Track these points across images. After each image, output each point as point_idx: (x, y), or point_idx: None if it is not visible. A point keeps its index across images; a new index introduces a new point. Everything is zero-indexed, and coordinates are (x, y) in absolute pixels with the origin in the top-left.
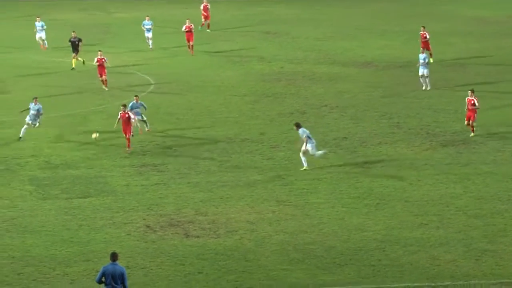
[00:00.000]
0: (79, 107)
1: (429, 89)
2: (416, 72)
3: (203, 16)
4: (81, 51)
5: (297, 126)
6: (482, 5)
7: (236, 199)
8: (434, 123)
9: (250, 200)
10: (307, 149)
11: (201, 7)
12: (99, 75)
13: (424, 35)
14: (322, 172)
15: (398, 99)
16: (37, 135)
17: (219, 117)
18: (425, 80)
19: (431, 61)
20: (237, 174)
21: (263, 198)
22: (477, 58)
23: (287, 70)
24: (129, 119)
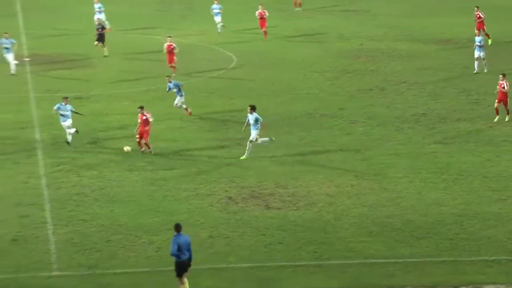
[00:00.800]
0: (160, 82)
1: (485, 71)
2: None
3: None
4: (106, 40)
5: (252, 109)
6: None
7: (315, 172)
8: None
9: (329, 173)
10: (256, 136)
11: None
12: (168, 62)
13: (478, 15)
14: (400, 147)
15: (477, 77)
16: (124, 109)
17: (299, 93)
18: (482, 62)
19: (490, 42)
20: (317, 148)
21: (342, 172)
22: None
23: (367, 47)
24: (147, 122)
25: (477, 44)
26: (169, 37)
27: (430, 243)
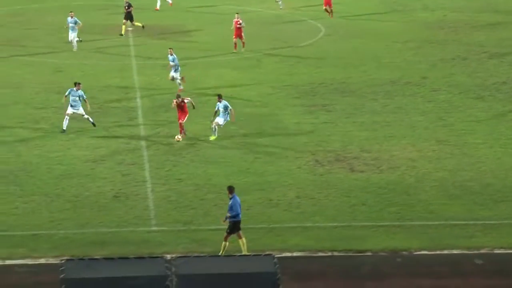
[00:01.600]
0: (254, 51)
1: None
2: None
3: None
4: (134, 17)
5: (220, 97)
6: None
7: (398, 138)
8: None
9: (411, 139)
10: (218, 122)
11: None
12: (235, 36)
13: None
14: (481, 114)
15: None
16: (218, 76)
17: (383, 62)
18: None
19: None
20: (400, 115)
21: (424, 137)
22: None
23: (450, 18)
24: (183, 107)
25: None
26: (237, 14)
27: (509, 206)
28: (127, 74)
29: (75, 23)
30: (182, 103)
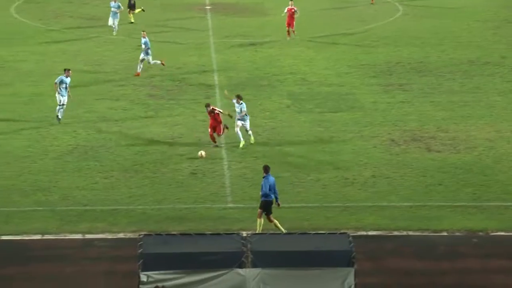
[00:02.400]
0: (328, 31)
1: None
2: None
3: None
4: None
5: (240, 98)
6: None
7: (476, 118)
8: None
9: (489, 119)
10: (241, 124)
11: None
12: (287, 25)
13: None
14: None
15: None
16: (295, 55)
17: (462, 41)
18: None
19: None
20: (478, 95)
21: (503, 118)
22: None
23: None
24: (217, 118)
25: None
26: (291, 1)
27: None
28: (205, 52)
29: (118, 8)
30: (212, 113)
